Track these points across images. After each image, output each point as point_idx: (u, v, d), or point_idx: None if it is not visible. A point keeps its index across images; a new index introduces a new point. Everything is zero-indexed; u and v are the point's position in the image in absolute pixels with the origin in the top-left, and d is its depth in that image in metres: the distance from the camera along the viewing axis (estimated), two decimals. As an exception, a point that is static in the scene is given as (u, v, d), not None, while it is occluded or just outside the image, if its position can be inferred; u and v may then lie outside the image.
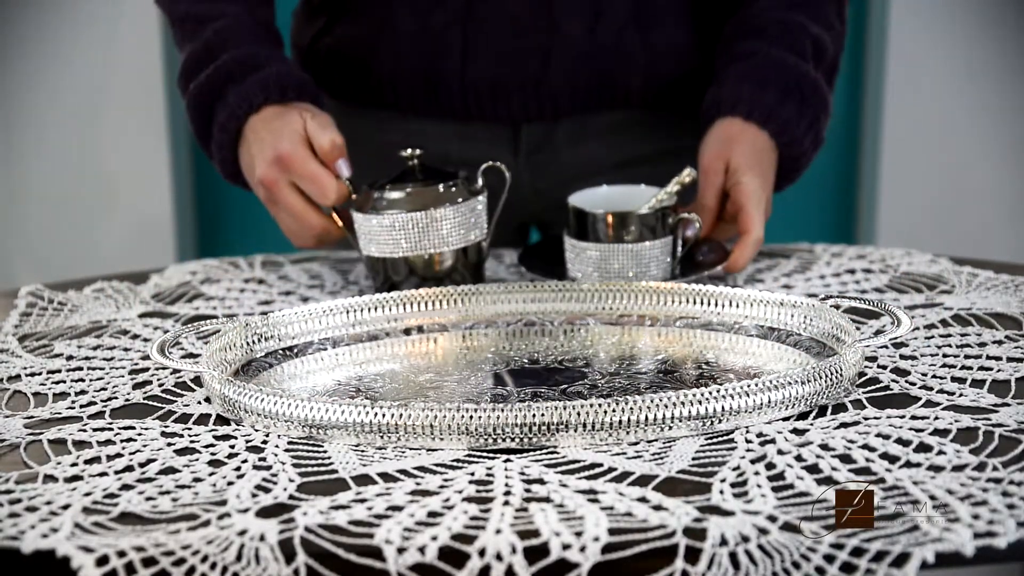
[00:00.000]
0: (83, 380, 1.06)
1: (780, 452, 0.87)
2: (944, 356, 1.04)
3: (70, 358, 1.11)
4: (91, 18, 2.76)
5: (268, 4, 1.34)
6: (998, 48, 2.79)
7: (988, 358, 1.03)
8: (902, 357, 1.04)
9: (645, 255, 1.22)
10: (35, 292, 1.27)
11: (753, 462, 0.85)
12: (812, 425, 0.91)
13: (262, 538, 0.77)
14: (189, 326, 1.07)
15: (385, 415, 0.90)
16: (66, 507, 0.82)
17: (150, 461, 0.89)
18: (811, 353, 1.06)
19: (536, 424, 0.89)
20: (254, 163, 1.24)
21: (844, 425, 0.91)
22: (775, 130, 1.31)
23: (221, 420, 0.97)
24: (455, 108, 1.42)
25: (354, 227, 1.24)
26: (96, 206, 2.90)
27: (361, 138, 1.48)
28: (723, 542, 0.75)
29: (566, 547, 0.75)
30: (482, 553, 0.75)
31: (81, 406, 1.00)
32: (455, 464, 0.87)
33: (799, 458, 0.86)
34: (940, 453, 0.85)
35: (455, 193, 1.21)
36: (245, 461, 0.88)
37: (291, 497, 0.83)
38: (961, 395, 0.95)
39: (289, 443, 0.91)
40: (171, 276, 1.35)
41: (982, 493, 0.79)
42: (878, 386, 0.98)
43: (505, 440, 0.89)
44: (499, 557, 0.74)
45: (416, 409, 0.89)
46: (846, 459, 0.85)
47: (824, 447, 0.87)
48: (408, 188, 1.21)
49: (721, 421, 0.90)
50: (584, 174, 1.44)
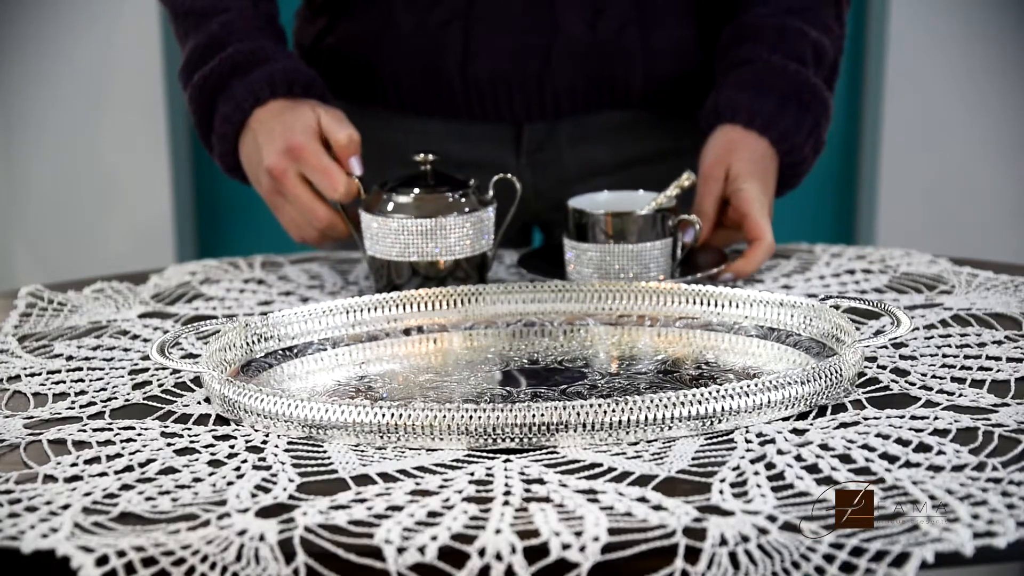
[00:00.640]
0: (83, 380, 1.06)
1: (780, 452, 0.87)
2: (944, 356, 1.04)
3: (70, 358, 1.11)
4: (91, 18, 2.76)
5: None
6: (998, 48, 2.79)
7: (988, 358, 1.03)
8: (902, 357, 1.04)
9: (645, 256, 1.22)
10: (35, 292, 1.27)
11: (753, 462, 0.85)
12: (812, 425, 0.91)
13: (262, 538, 0.77)
14: (189, 326, 1.07)
15: (385, 415, 0.90)
16: (66, 507, 0.82)
17: (150, 461, 0.89)
18: (811, 353, 1.06)
19: (536, 424, 0.89)
20: (261, 153, 1.25)
21: (844, 425, 0.91)
22: (775, 138, 1.32)
23: (221, 420, 0.97)
24: (457, 106, 1.42)
25: (360, 226, 1.24)
26: (96, 206, 2.90)
27: (364, 138, 1.48)
28: (723, 542, 0.75)
29: (566, 547, 0.75)
30: (482, 553, 0.75)
31: (81, 406, 1.00)
32: (455, 464, 0.87)
33: (799, 458, 0.86)
34: (940, 453, 0.85)
35: (465, 202, 1.21)
36: (245, 461, 0.88)
37: (291, 497, 0.83)
38: (961, 395, 0.95)
39: (289, 443, 0.91)
40: (171, 276, 1.35)
41: (982, 493, 0.79)
42: (878, 386, 0.98)
43: (505, 440, 0.89)
44: (499, 557, 0.74)
45: (416, 409, 0.89)
46: (846, 459, 0.85)
47: (824, 447, 0.87)
48: (419, 193, 1.21)
49: (721, 421, 0.90)
50: (586, 174, 1.44)
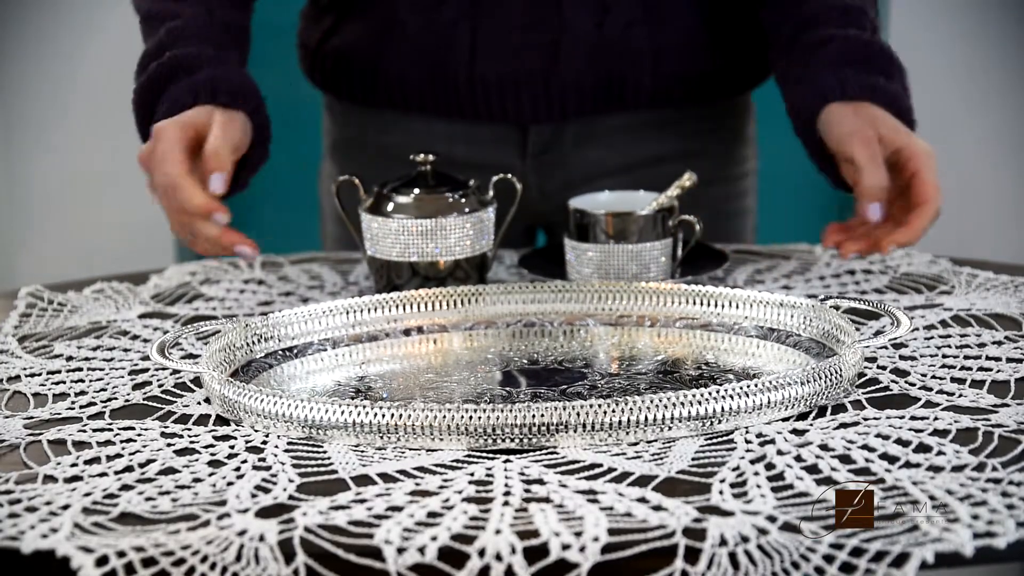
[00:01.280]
0: (83, 381, 1.06)
1: (780, 452, 0.87)
2: (944, 357, 1.04)
3: (70, 359, 1.11)
4: (91, 18, 2.76)
5: (236, 6, 1.29)
6: (998, 48, 2.79)
7: (987, 359, 1.03)
8: (901, 358, 1.04)
9: (645, 256, 1.22)
10: (35, 293, 1.27)
11: (753, 462, 0.85)
12: (812, 425, 0.91)
13: (262, 538, 0.77)
14: (189, 327, 1.07)
15: (385, 415, 0.90)
16: (66, 507, 0.82)
17: (150, 461, 0.89)
18: (811, 354, 1.06)
19: (536, 424, 0.89)
20: None
21: (844, 425, 0.91)
22: (898, 108, 1.22)
23: (221, 421, 0.97)
24: (463, 106, 1.41)
25: (360, 226, 1.24)
26: (96, 206, 2.90)
27: (369, 139, 1.48)
28: (723, 542, 0.75)
29: (566, 547, 0.75)
30: (482, 553, 0.75)
31: (81, 407, 1.00)
32: (455, 464, 0.87)
33: (799, 458, 0.86)
34: (940, 453, 0.85)
35: (465, 203, 1.21)
36: (245, 461, 0.88)
37: (291, 497, 0.83)
38: (961, 396, 0.95)
39: (289, 444, 0.91)
40: (171, 277, 1.35)
41: (982, 493, 0.79)
42: (878, 387, 0.98)
43: (505, 440, 0.89)
44: (499, 557, 0.74)
45: (416, 409, 0.89)
46: (846, 459, 0.85)
47: (824, 447, 0.87)
48: (418, 193, 1.21)
49: (721, 421, 0.90)
50: (591, 177, 1.44)
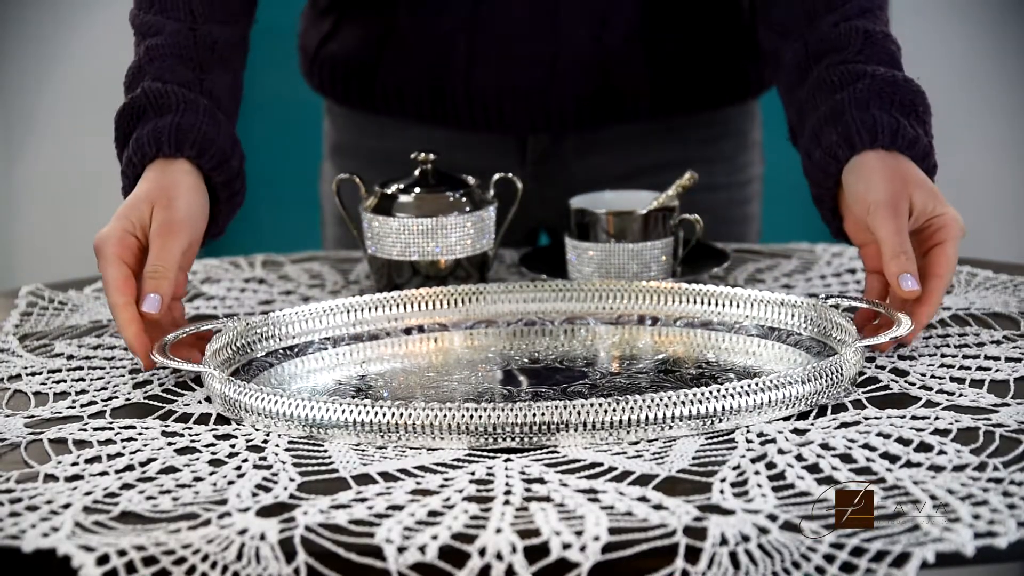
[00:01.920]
0: (84, 380, 1.06)
1: (780, 452, 0.87)
2: (943, 356, 1.04)
3: (71, 357, 1.11)
4: (92, 18, 2.76)
5: (225, 21, 1.20)
6: (998, 48, 2.79)
7: (986, 358, 1.03)
8: (901, 357, 1.04)
9: (646, 255, 1.22)
10: (35, 292, 1.27)
11: (753, 461, 0.85)
12: (812, 425, 0.91)
13: (263, 537, 0.77)
14: (190, 326, 1.07)
15: (385, 414, 0.90)
16: (67, 506, 0.82)
17: (151, 460, 0.89)
18: (811, 353, 1.06)
19: (536, 424, 0.89)
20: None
21: (844, 425, 0.91)
22: (919, 155, 1.14)
23: (222, 420, 0.97)
24: (460, 116, 1.41)
25: (361, 225, 1.24)
26: (96, 206, 2.90)
27: (368, 144, 1.48)
28: (723, 541, 0.75)
29: (566, 546, 0.75)
30: (482, 552, 0.75)
31: (82, 405, 1.00)
32: (455, 463, 0.87)
33: (799, 457, 0.86)
34: (940, 453, 0.85)
35: (465, 202, 1.22)
36: (246, 460, 0.88)
37: (292, 496, 0.83)
38: (961, 395, 0.95)
39: (290, 443, 0.91)
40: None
41: (983, 493, 0.79)
42: (878, 386, 0.98)
43: (505, 440, 0.89)
44: (499, 556, 0.74)
45: (416, 409, 0.89)
46: (846, 459, 0.85)
47: (824, 447, 0.87)
48: (419, 192, 1.21)
49: (721, 420, 0.90)
50: (592, 184, 1.43)
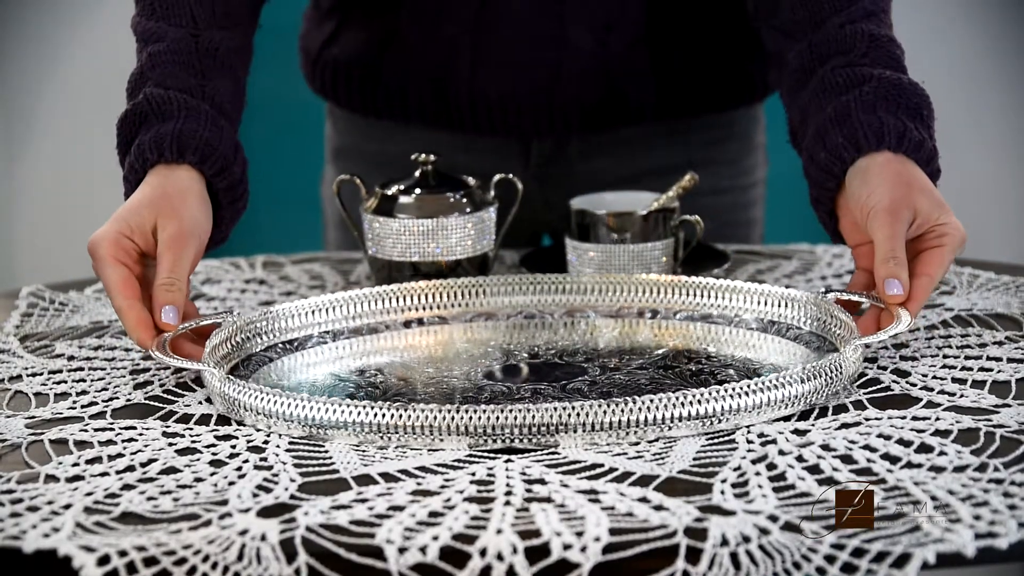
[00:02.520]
0: (84, 380, 1.06)
1: (781, 452, 0.87)
2: (944, 357, 1.04)
3: (71, 358, 1.11)
4: (91, 18, 2.76)
5: (227, 27, 1.19)
6: (998, 48, 2.79)
7: (989, 359, 1.03)
8: (902, 358, 1.04)
9: (646, 256, 1.22)
10: (36, 292, 1.27)
11: (754, 462, 0.85)
12: (813, 426, 0.91)
13: (263, 538, 0.77)
14: (190, 323, 1.07)
15: (386, 415, 0.90)
16: (67, 507, 0.82)
17: (151, 461, 0.89)
18: (811, 348, 1.06)
19: (536, 425, 0.89)
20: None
21: (845, 426, 0.91)
22: (924, 159, 1.14)
23: (222, 420, 0.97)
24: (464, 120, 1.41)
25: (362, 226, 1.24)
26: (97, 206, 2.90)
27: (370, 147, 1.47)
28: (724, 542, 0.75)
29: (567, 547, 0.75)
30: (483, 553, 0.75)
31: (82, 406, 1.00)
32: (456, 464, 0.87)
33: (800, 458, 0.86)
34: (941, 454, 0.85)
35: (466, 203, 1.22)
36: (246, 461, 0.88)
37: (292, 497, 0.83)
38: (962, 396, 0.95)
39: (290, 443, 0.91)
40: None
41: (983, 494, 0.79)
42: (879, 387, 0.98)
43: (505, 440, 0.89)
44: (500, 557, 0.74)
45: (416, 410, 0.89)
46: (847, 459, 0.85)
47: (825, 447, 0.87)
48: (420, 193, 1.21)
49: (722, 420, 0.90)
50: (597, 187, 1.43)
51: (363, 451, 0.90)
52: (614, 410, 0.89)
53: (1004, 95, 2.83)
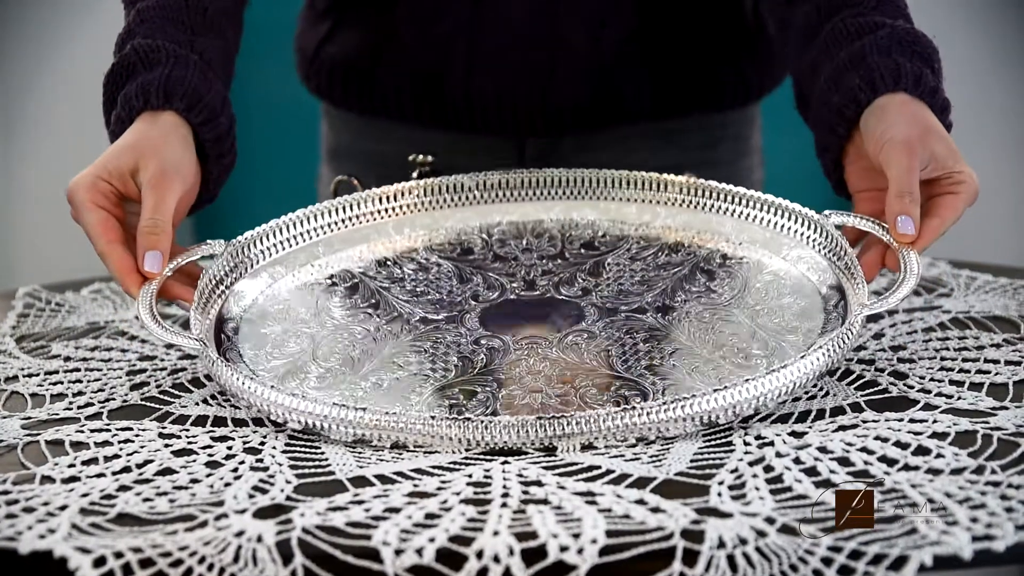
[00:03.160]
0: (80, 381, 1.05)
1: (778, 454, 0.86)
2: (942, 359, 1.04)
3: (67, 359, 1.10)
4: (91, 18, 2.76)
5: None
6: (998, 48, 2.79)
7: (986, 361, 1.03)
8: (900, 360, 1.04)
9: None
10: (32, 293, 1.27)
11: (751, 464, 0.85)
12: (811, 428, 0.91)
13: (259, 539, 0.77)
14: (173, 262, 1.04)
15: (380, 421, 0.90)
16: (63, 508, 0.82)
17: (147, 462, 0.89)
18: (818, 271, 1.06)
19: (534, 437, 0.88)
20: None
21: (842, 428, 0.91)
22: (940, 106, 1.12)
23: (218, 422, 0.97)
24: (459, 119, 1.41)
25: None
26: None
27: (365, 147, 1.47)
28: (721, 544, 0.75)
29: (564, 549, 0.75)
30: (480, 555, 0.75)
31: (79, 407, 1.00)
32: (453, 466, 0.87)
33: (797, 460, 0.86)
34: (938, 456, 0.85)
35: None
36: (242, 462, 0.88)
37: (288, 498, 0.83)
38: (959, 398, 0.95)
39: (286, 445, 0.91)
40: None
41: (980, 496, 0.79)
42: (876, 389, 0.98)
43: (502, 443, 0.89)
44: (497, 559, 0.74)
45: (411, 420, 0.89)
46: (844, 462, 0.85)
47: (822, 449, 0.87)
48: None
49: (719, 417, 0.90)
50: None
51: (359, 453, 0.89)
52: (612, 417, 0.89)
53: (1003, 96, 2.83)
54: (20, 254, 2.94)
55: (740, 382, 0.90)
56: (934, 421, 0.91)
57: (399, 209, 1.17)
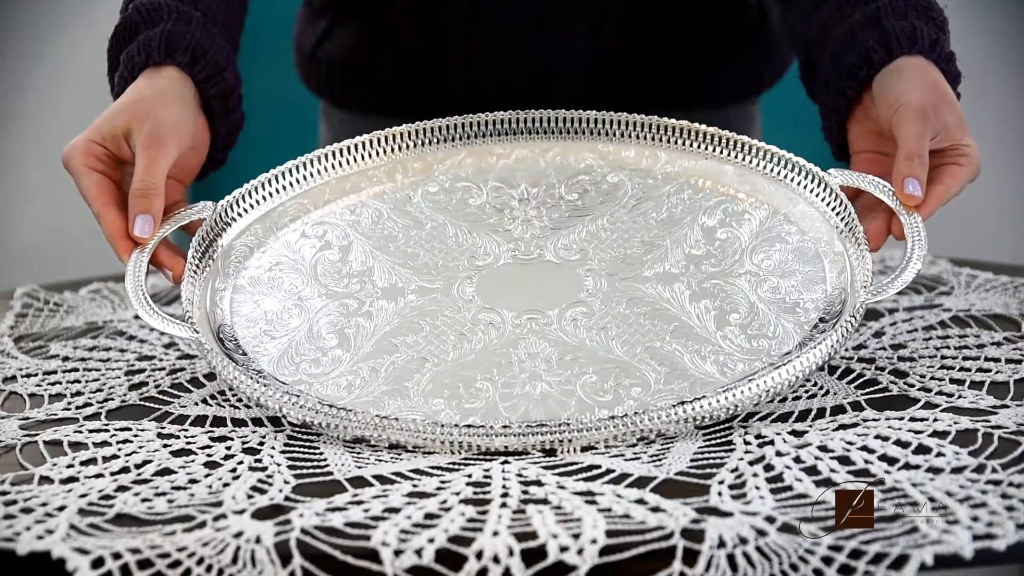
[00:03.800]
0: (79, 381, 1.05)
1: (779, 453, 0.86)
2: (943, 358, 1.04)
3: (66, 359, 1.10)
4: (91, 18, 2.76)
5: None
6: (998, 48, 2.79)
7: (987, 360, 1.02)
8: (900, 359, 1.04)
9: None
10: (31, 293, 1.27)
11: (751, 463, 0.85)
12: (811, 427, 0.91)
13: (258, 540, 0.76)
14: (164, 228, 1.04)
15: (376, 425, 0.89)
16: (61, 508, 0.81)
17: (146, 462, 0.88)
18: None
19: (535, 445, 0.88)
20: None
21: (843, 427, 0.91)
22: (955, 73, 1.10)
23: (217, 422, 0.96)
24: (458, 113, 1.40)
25: None
26: (94, 207, 2.90)
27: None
28: (721, 544, 0.75)
29: (564, 549, 0.75)
30: (479, 555, 0.74)
31: (77, 407, 1.00)
32: (452, 466, 0.87)
33: (798, 459, 0.85)
34: (939, 455, 0.85)
35: None
36: (241, 463, 0.88)
37: (287, 499, 0.82)
38: (960, 397, 0.95)
39: (285, 445, 0.91)
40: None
41: (981, 495, 0.79)
42: (876, 387, 0.98)
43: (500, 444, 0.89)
44: (496, 559, 0.74)
45: (407, 428, 0.89)
46: (845, 460, 0.85)
47: (823, 448, 0.87)
48: None
49: (720, 416, 0.90)
50: None
51: (357, 453, 0.89)
52: (611, 420, 0.89)
53: (1003, 96, 2.83)
54: (19, 254, 2.94)
55: (741, 383, 0.90)
56: (935, 420, 0.90)
57: (391, 152, 1.12)
